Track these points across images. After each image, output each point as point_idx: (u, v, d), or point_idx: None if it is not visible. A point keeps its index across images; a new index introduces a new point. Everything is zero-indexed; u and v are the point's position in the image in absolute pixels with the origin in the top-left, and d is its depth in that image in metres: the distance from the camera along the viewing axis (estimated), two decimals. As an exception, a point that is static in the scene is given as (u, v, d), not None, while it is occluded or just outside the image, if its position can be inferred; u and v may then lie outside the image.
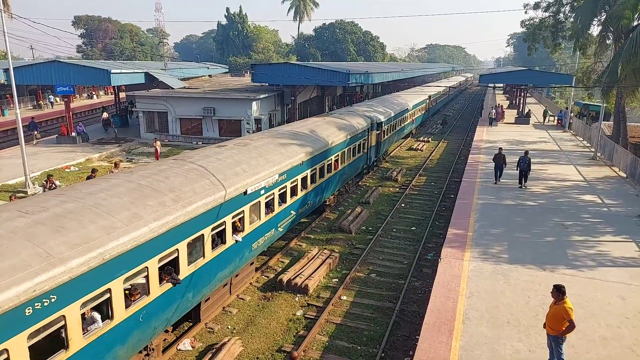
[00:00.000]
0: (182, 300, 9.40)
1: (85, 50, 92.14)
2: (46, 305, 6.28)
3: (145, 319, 8.27)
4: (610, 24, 27.78)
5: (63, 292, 6.49)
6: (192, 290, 9.67)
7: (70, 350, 6.75)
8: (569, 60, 64.47)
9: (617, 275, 12.06)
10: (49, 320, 6.37)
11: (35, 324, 6.17)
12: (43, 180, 20.61)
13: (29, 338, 6.13)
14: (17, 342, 5.97)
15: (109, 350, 7.51)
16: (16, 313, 5.90)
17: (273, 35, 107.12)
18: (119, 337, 7.71)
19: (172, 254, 8.82)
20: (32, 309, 6.11)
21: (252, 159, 12.80)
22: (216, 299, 11.52)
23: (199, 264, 9.77)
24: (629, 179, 21.86)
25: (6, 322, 5.80)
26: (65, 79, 30.63)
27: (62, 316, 6.55)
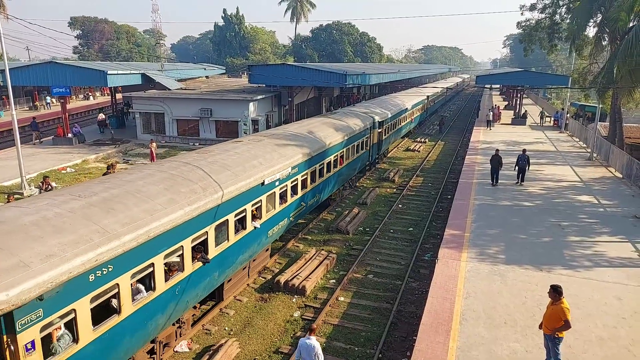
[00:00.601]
0: (210, 278, 10.46)
1: (82, 51, 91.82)
2: (105, 273, 7.26)
3: (180, 292, 9.29)
4: (606, 25, 27.89)
5: (118, 263, 7.48)
6: (218, 269, 10.71)
7: (122, 315, 7.73)
8: (565, 61, 64.76)
9: (614, 276, 12.10)
10: (107, 287, 7.34)
11: (96, 289, 7.14)
12: (39, 181, 20.52)
13: (91, 301, 7.09)
14: (82, 303, 6.92)
15: (151, 318, 8.52)
16: (82, 279, 6.84)
17: (270, 36, 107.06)
18: (159, 307, 8.71)
19: (202, 235, 9.83)
20: (94, 276, 7.07)
21: (267, 153, 13.83)
22: (237, 281, 12.51)
23: (224, 247, 10.79)
24: (625, 180, 21.95)
25: (75, 286, 6.73)
26: (61, 80, 30.50)
27: (117, 284, 7.53)
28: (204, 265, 9.91)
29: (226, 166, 11.59)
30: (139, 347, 8.59)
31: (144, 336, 8.56)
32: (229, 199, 10.63)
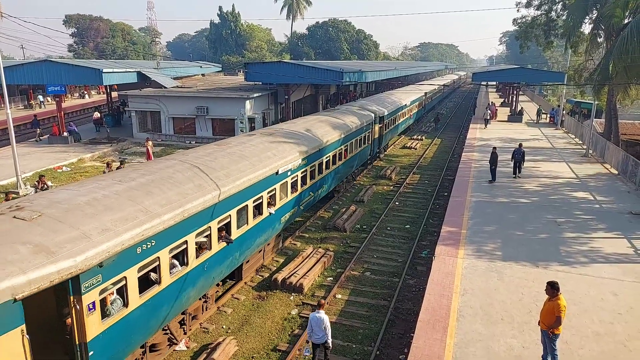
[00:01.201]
0: (232, 257, 11.47)
1: (77, 50, 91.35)
2: (149, 247, 8.24)
3: (208, 268, 10.30)
4: (602, 22, 27.94)
5: (159, 239, 8.47)
6: (239, 250, 11.74)
7: (162, 286, 8.73)
8: (561, 58, 64.93)
9: (610, 272, 12.15)
10: (150, 259, 8.33)
11: (142, 261, 8.12)
12: (35, 180, 20.43)
13: (138, 271, 8.06)
14: (131, 272, 7.89)
15: (185, 290, 9.53)
16: (131, 251, 7.81)
17: (266, 33, 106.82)
18: (191, 280, 9.69)
19: (226, 218, 10.87)
20: (141, 249, 8.04)
21: (280, 145, 14.85)
22: (253, 262, 13.56)
23: (244, 230, 11.81)
24: (621, 176, 22.04)
25: (125, 257, 7.69)
26: (56, 79, 30.35)
27: (158, 257, 8.52)
28: (227, 245, 10.92)
29: (244, 157, 12.72)
30: (173, 315, 9.59)
31: (178, 306, 9.54)
32: (248, 186, 11.72)
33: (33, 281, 6.21)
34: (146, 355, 9.27)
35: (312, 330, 9.01)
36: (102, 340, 7.39)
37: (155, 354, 9.62)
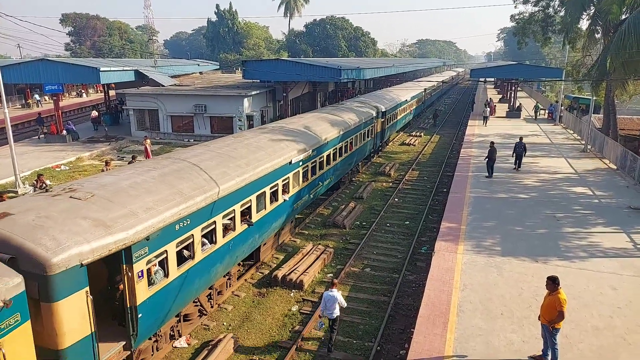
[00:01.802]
0: (252, 239, 12.48)
1: (74, 48, 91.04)
2: (185, 225, 9.23)
3: (232, 247, 11.30)
4: (599, 17, 27.94)
5: (193, 218, 9.45)
6: (258, 232, 12.69)
7: (195, 260, 9.72)
8: (559, 54, 64.94)
9: (609, 266, 12.20)
10: (186, 236, 9.34)
11: (180, 237, 9.14)
12: (33, 179, 20.38)
13: (177, 246, 9.07)
14: (171, 247, 8.91)
15: (213, 265, 10.53)
16: (171, 227, 8.85)
17: (263, 31, 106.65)
18: (218, 257, 10.69)
19: (247, 202, 11.84)
20: (179, 226, 9.05)
21: (291, 137, 15.87)
22: (269, 245, 14.66)
23: (262, 214, 12.75)
24: (619, 171, 22.09)
25: (166, 233, 8.72)
26: (53, 78, 30.25)
27: (192, 235, 9.51)
28: (248, 228, 11.90)
29: (260, 147, 13.76)
30: (204, 288, 10.62)
31: (208, 280, 10.62)
32: (265, 174, 12.69)
33: (95, 250, 7.26)
34: (180, 323, 10.37)
35: (325, 307, 9.89)
36: (148, 305, 8.41)
37: (187, 324, 10.69)
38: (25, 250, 6.68)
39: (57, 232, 7.08)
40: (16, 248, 6.68)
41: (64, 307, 6.85)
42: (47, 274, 6.63)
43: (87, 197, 8.26)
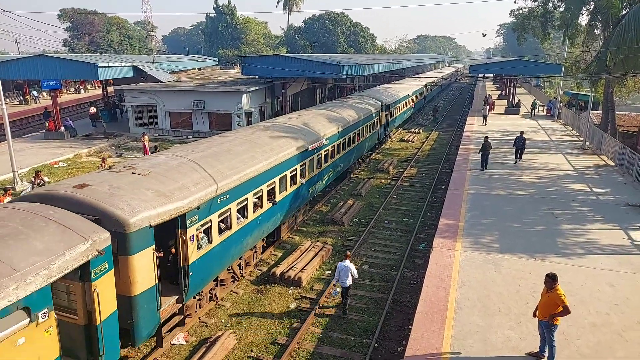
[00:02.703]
0: (275, 217, 13.98)
1: (72, 44, 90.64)
2: (225, 199, 10.77)
3: (260, 222, 12.79)
4: (599, 13, 27.89)
5: (231, 194, 11.01)
6: (280, 211, 14.20)
7: (231, 231, 11.25)
8: (558, 50, 64.81)
9: (606, 263, 12.22)
10: (226, 208, 10.86)
11: (221, 209, 10.63)
12: (31, 176, 20.34)
13: (218, 217, 10.58)
14: (214, 217, 10.38)
15: (245, 237, 12.07)
16: (215, 200, 10.31)
17: (262, 27, 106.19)
18: (249, 230, 12.20)
19: (272, 184, 13.25)
20: (220, 200, 10.53)
21: (306, 127, 17.39)
22: (288, 224, 16.08)
23: (284, 195, 14.19)
24: (618, 168, 22.10)
25: (211, 204, 10.20)
26: (51, 73, 30.11)
27: (229, 208, 11.03)
28: (272, 206, 13.32)
29: (280, 136, 15.28)
30: (237, 257, 12.12)
31: (240, 249, 12.07)
32: (287, 158, 14.22)
33: (160, 214, 8.67)
34: (217, 287, 11.94)
35: (339, 276, 11.19)
36: (197, 265, 9.82)
37: (222, 288, 12.32)
38: (107, 213, 7.99)
39: (129, 199, 8.51)
40: (99, 211, 8.00)
41: (137, 260, 8.21)
42: (125, 232, 7.98)
43: (146, 173, 9.72)
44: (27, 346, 6.24)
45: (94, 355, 7.59)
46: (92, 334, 7.47)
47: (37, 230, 6.94)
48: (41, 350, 6.47)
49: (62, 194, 8.29)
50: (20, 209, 7.56)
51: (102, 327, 7.46)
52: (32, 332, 6.29)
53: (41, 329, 6.43)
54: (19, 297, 5.96)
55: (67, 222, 7.36)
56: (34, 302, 6.21)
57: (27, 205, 7.88)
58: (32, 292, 6.14)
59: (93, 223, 7.64)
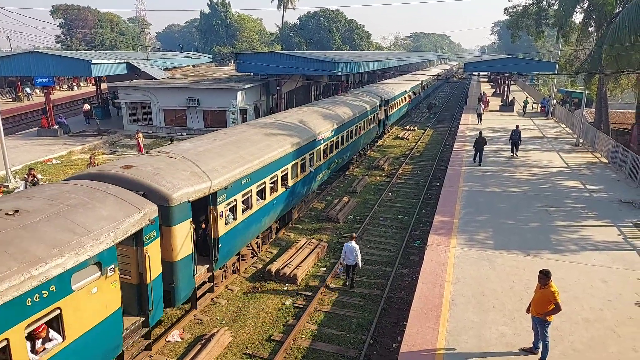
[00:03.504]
0: (288, 201, 15.30)
1: (65, 41, 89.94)
2: (247, 182, 12.15)
3: (275, 204, 14.19)
4: (593, 11, 28.01)
5: (252, 177, 12.42)
6: (292, 196, 15.59)
7: (252, 210, 12.63)
8: (552, 47, 65.09)
9: (599, 259, 12.32)
10: (248, 190, 12.27)
11: (244, 190, 12.10)
12: (24, 173, 20.19)
13: (242, 196, 11.96)
14: (239, 196, 11.77)
15: (263, 216, 13.46)
16: (239, 182, 11.70)
17: (257, 24, 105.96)
18: (266, 210, 13.63)
19: (285, 170, 14.63)
20: (243, 182, 11.92)
21: (315, 119, 18.95)
22: (298, 209, 17.48)
23: (295, 181, 15.55)
24: (611, 165, 22.26)
25: (236, 185, 11.57)
26: (44, 70, 29.89)
27: (251, 190, 12.42)
28: (286, 190, 14.69)
29: (291, 127, 16.64)
30: (256, 234, 13.50)
31: (259, 228, 13.41)
32: (299, 147, 15.66)
33: (196, 191, 9.96)
34: (239, 262, 13.20)
35: (345, 255, 12.23)
36: (225, 238, 11.18)
37: (243, 262, 13.50)
38: (153, 189, 9.24)
39: (170, 178, 9.79)
40: (146, 187, 9.24)
41: (178, 230, 9.44)
42: (169, 205, 9.21)
43: (179, 157, 11.07)
44: (99, 295, 7.41)
45: (144, 311, 8.79)
46: (142, 293, 8.71)
47: (100, 201, 8.16)
48: (108, 300, 7.65)
49: (112, 173, 9.56)
50: (81, 185, 8.79)
51: (151, 286, 8.67)
52: (102, 284, 7.48)
53: (109, 282, 7.63)
54: (94, 254, 7.16)
55: (122, 195, 8.59)
56: (105, 258, 7.42)
57: (85, 182, 9.08)
58: (103, 250, 7.34)
59: (142, 197, 8.82)
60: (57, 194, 8.13)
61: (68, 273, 6.70)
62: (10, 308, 5.85)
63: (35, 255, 6.36)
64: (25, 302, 6.05)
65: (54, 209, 7.47)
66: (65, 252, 6.69)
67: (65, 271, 6.63)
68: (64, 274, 6.61)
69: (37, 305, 6.23)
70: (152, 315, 8.87)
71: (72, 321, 6.88)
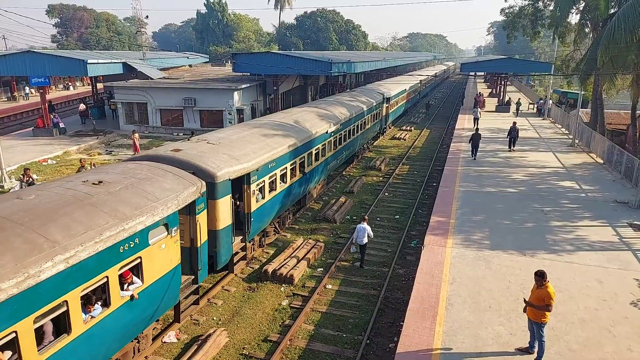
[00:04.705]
0: (305, 186, 17.13)
1: (60, 40, 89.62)
2: (273, 165, 13.85)
3: (294, 188, 15.95)
4: (589, 12, 28.11)
5: (277, 161, 14.12)
6: (307, 182, 17.34)
7: (277, 191, 14.33)
8: (548, 48, 65.28)
9: (595, 259, 12.37)
10: (273, 173, 13.96)
11: (270, 173, 13.74)
12: (20, 174, 20.08)
13: (269, 179, 13.67)
14: (267, 178, 13.53)
15: (285, 198, 15.22)
16: (267, 165, 13.42)
17: (254, 24, 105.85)
18: (288, 193, 15.43)
19: (302, 157, 16.35)
20: (270, 165, 13.64)
21: (326, 113, 20.75)
22: (310, 195, 18.99)
23: (310, 168, 17.36)
24: (606, 165, 22.36)
25: (265, 168, 13.26)
26: (40, 70, 29.73)
27: (275, 173, 14.15)
28: (303, 176, 16.53)
29: (306, 120, 18.64)
30: (278, 214, 15.15)
31: (281, 207, 15.13)
32: (313, 138, 17.39)
33: (235, 171, 11.74)
34: (264, 238, 14.84)
35: (357, 235, 13.56)
36: (256, 213, 12.95)
37: (267, 239, 15.11)
38: (201, 168, 10.88)
39: (214, 160, 11.51)
40: (195, 167, 10.84)
41: (221, 203, 11.11)
42: (214, 182, 10.86)
43: (217, 143, 12.84)
44: (165, 251, 8.99)
45: (194, 271, 10.43)
46: (193, 255, 10.30)
47: (161, 176, 9.69)
48: (172, 256, 9.24)
49: (165, 155, 11.23)
50: (143, 163, 10.42)
51: (200, 249, 10.33)
52: (168, 242, 9.04)
53: (173, 241, 9.20)
54: (163, 216, 8.70)
55: (178, 172, 10.17)
56: (171, 221, 8.99)
57: (144, 162, 10.65)
58: (170, 214, 8.91)
59: (192, 175, 10.34)
60: (126, 170, 9.73)
61: (147, 229, 8.31)
62: (109, 252, 7.46)
63: (124, 214, 7.94)
64: (119, 249, 7.67)
65: (129, 181, 9.04)
66: (144, 213, 8.27)
67: (145, 228, 8.23)
68: (144, 230, 8.22)
69: (126, 253, 7.85)
70: (200, 274, 10.58)
71: (148, 269, 8.51)
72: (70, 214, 7.35)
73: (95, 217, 7.52)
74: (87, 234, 7.11)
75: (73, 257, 6.72)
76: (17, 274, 5.97)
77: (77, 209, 7.53)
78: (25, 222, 6.84)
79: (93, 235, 7.16)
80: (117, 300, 7.78)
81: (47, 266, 6.34)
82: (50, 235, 6.75)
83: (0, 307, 5.74)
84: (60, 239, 6.77)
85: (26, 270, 6.08)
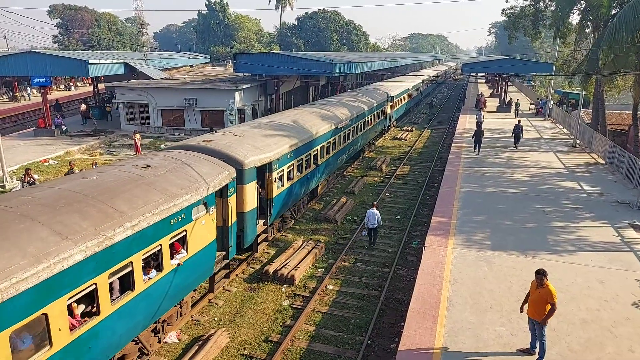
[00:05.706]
0: (317, 177, 18.54)
1: (62, 41, 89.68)
2: (291, 156, 15.14)
3: (309, 178, 17.32)
4: (590, 12, 28.08)
5: (294, 153, 15.35)
6: (320, 173, 18.80)
7: (293, 180, 15.58)
8: (550, 49, 65.24)
9: (596, 260, 12.35)
10: (290, 163, 15.22)
11: (289, 162, 15.07)
12: (21, 174, 20.11)
13: (287, 168, 14.92)
14: (286, 167, 14.70)
15: (301, 186, 16.60)
16: (286, 155, 14.49)
17: (255, 24, 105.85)
18: (304, 181, 16.76)
19: (315, 150, 17.73)
20: (289, 155, 14.97)
21: (336, 109, 22.07)
22: (323, 185, 20.58)
23: (323, 160, 18.67)
24: (608, 166, 22.32)
25: (284, 158, 14.38)
26: (41, 70, 29.77)
27: (293, 164, 15.38)
28: (316, 167, 17.74)
29: (319, 115, 20.04)
30: (295, 202, 16.50)
31: (298, 195, 16.52)
32: (324, 132, 18.72)
33: (260, 160, 13.01)
34: (282, 223, 16.15)
35: (368, 220, 14.67)
36: (277, 199, 14.28)
37: (284, 224, 16.37)
38: (231, 156, 12.14)
39: (241, 149, 12.79)
40: (225, 155, 12.06)
41: (247, 188, 12.44)
42: (242, 168, 12.15)
43: (242, 135, 14.14)
44: (205, 227, 10.17)
45: (224, 248, 11.63)
46: (224, 233, 11.51)
47: (198, 162, 10.85)
48: (209, 231, 10.43)
49: (199, 145, 12.50)
50: (180, 152, 11.61)
51: (231, 228, 11.63)
52: (207, 219, 10.23)
53: (210, 218, 10.36)
54: (204, 195, 9.88)
55: (212, 160, 11.38)
56: (209, 200, 10.15)
57: (180, 150, 11.83)
58: (208, 194, 10.09)
59: (224, 162, 11.51)
60: (168, 157, 10.89)
61: (191, 206, 9.43)
62: (163, 224, 8.62)
63: (172, 192, 9.11)
64: (170, 222, 8.81)
65: (172, 166, 10.22)
66: (189, 191, 9.44)
67: (190, 204, 9.36)
68: (189, 207, 9.36)
69: (175, 225, 8.99)
70: (230, 250, 11.78)
71: (191, 241, 9.64)
72: (130, 191, 8.58)
73: (150, 194, 8.72)
74: (145, 207, 8.30)
75: (137, 225, 7.94)
76: (97, 236, 7.20)
77: (135, 187, 8.75)
78: (95, 196, 8.06)
79: (150, 208, 8.35)
80: (168, 266, 8.98)
81: (118, 231, 7.56)
82: (118, 207, 7.98)
83: (85, 262, 6.94)
84: (126, 210, 8.01)
85: (104, 233, 7.31)
